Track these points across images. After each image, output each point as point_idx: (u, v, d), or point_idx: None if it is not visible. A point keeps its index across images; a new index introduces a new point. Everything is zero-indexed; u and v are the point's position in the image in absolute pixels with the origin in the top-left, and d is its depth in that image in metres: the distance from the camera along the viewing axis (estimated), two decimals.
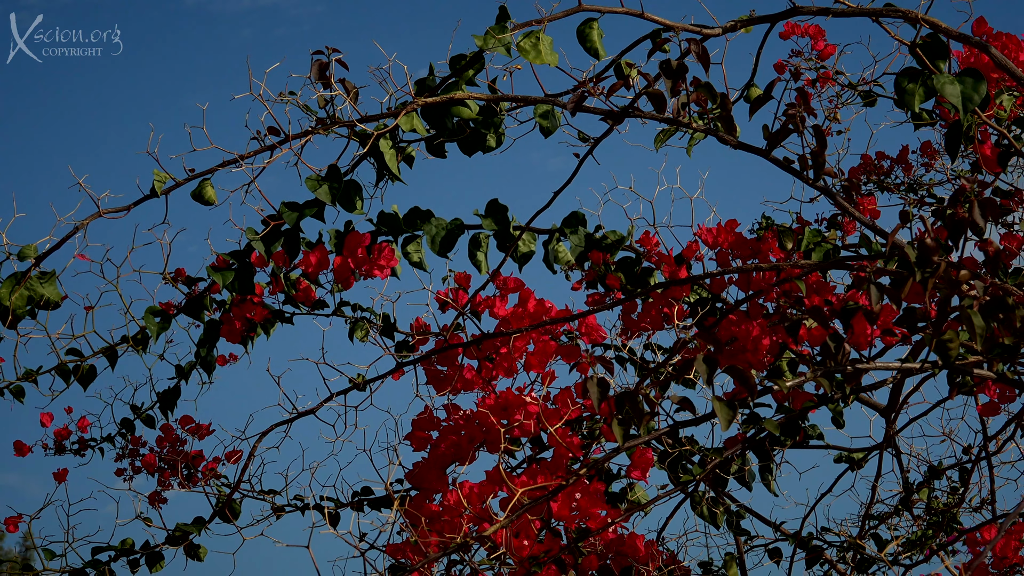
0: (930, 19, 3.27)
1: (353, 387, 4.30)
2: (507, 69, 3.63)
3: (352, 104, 3.60)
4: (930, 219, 3.32)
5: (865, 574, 4.96)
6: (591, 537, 3.74)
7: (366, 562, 3.66)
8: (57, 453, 5.47)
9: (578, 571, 3.75)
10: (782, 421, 3.52)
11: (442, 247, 3.89)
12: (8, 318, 3.79)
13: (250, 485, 4.88)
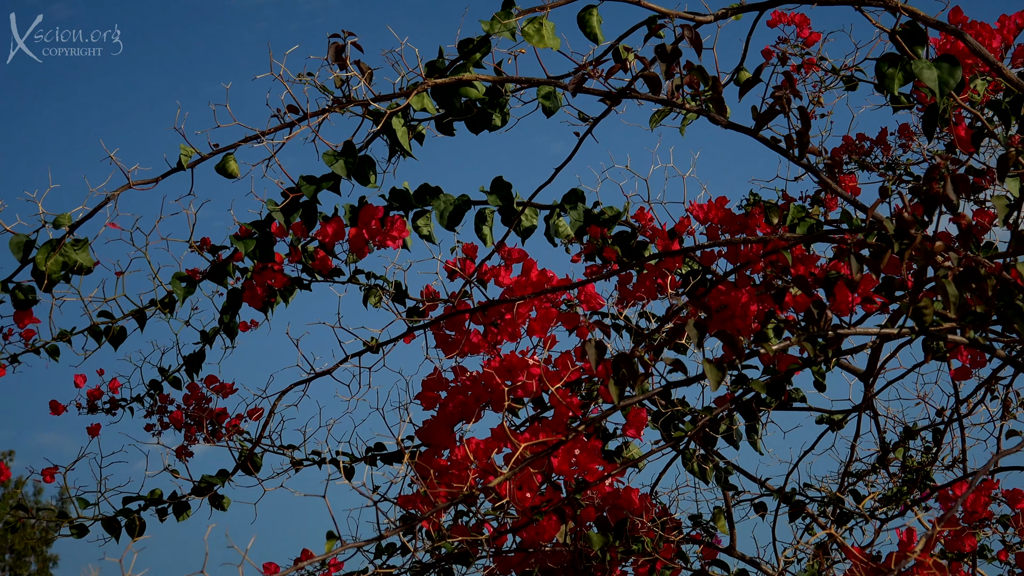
0: (909, 8, 3.25)
1: (367, 350, 4.31)
2: (512, 53, 3.62)
3: (366, 84, 3.60)
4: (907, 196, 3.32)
5: (844, 527, 4.97)
6: (589, 490, 3.75)
7: (379, 512, 3.67)
8: (90, 412, 5.49)
9: (577, 522, 3.76)
10: (768, 382, 3.52)
11: (450, 221, 3.89)
12: (44, 282, 3.79)
13: (270, 440, 4.91)
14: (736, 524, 4.60)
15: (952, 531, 4.09)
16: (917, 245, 3.13)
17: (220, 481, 4.76)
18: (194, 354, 4.94)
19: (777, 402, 3.71)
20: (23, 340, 4.46)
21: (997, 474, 4.45)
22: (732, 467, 4.77)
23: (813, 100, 5.04)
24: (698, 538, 4.34)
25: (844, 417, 4.98)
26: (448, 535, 3.73)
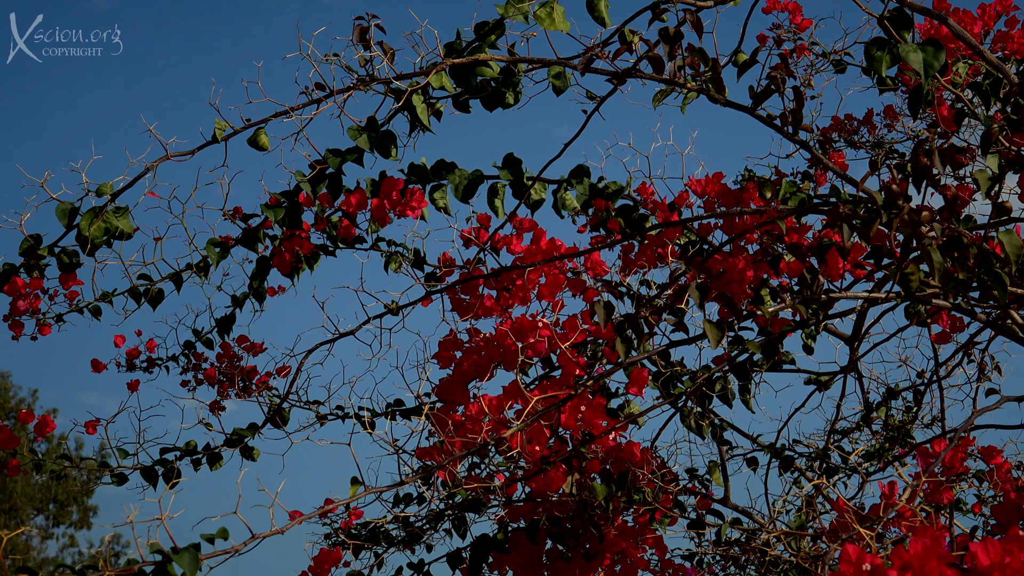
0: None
1: (388, 312, 4.31)
2: (524, 35, 3.61)
3: (389, 64, 3.59)
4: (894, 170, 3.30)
5: (831, 480, 4.96)
6: (593, 444, 3.74)
7: (399, 462, 3.66)
8: (128, 370, 5.51)
9: (582, 473, 3.75)
10: (763, 343, 3.50)
11: (464, 194, 3.88)
12: (87, 247, 3.79)
13: (297, 396, 4.91)
14: (730, 477, 4.60)
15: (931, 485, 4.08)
16: (904, 216, 3.12)
17: (250, 433, 4.77)
18: (226, 316, 4.96)
19: (769, 363, 3.69)
20: (68, 301, 4.47)
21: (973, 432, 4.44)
22: (726, 424, 4.77)
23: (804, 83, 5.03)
24: (694, 490, 4.33)
25: (831, 378, 4.98)
26: (462, 484, 3.73)
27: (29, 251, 3.99)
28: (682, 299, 3.46)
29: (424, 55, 3.61)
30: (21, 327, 4.46)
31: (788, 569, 4.56)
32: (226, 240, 4.22)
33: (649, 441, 4.43)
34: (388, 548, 4.14)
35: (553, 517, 3.83)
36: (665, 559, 4.24)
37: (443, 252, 4.63)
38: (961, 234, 3.13)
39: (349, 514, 4.22)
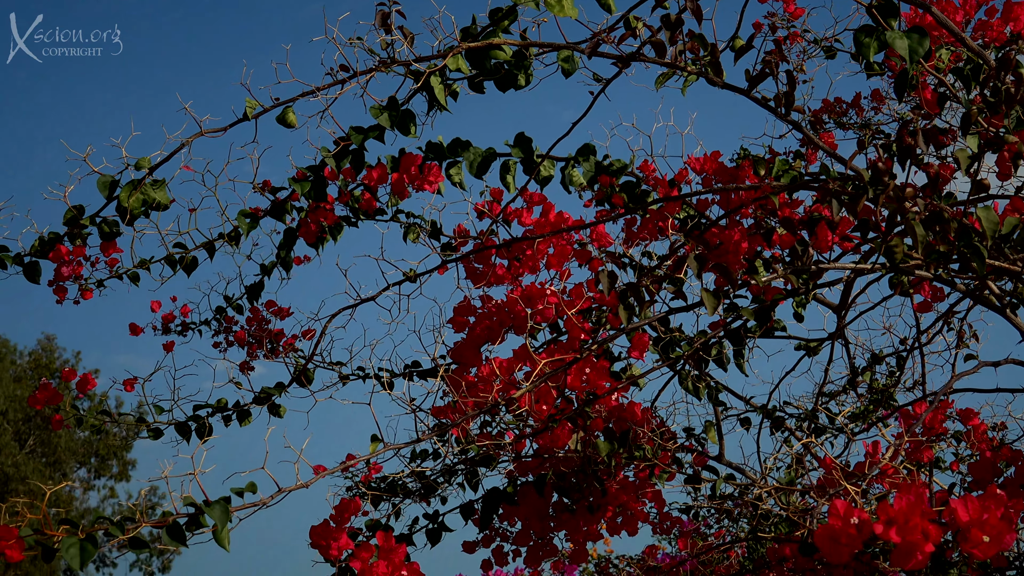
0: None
1: (406, 279, 4.33)
2: (536, 21, 3.60)
3: (409, 47, 3.58)
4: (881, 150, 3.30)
5: (819, 439, 4.96)
6: (597, 404, 3.74)
7: (416, 420, 3.66)
8: (164, 333, 5.53)
9: (586, 431, 3.75)
10: (756, 309, 3.50)
11: (478, 170, 3.88)
12: (127, 217, 3.80)
13: (321, 358, 4.93)
14: (724, 436, 4.60)
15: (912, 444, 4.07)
16: (889, 192, 3.12)
17: (277, 392, 4.79)
18: (255, 284, 4.98)
19: (762, 330, 3.69)
20: (108, 268, 4.48)
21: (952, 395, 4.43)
22: (721, 386, 4.77)
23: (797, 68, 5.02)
24: (691, 447, 4.34)
25: (819, 345, 4.97)
26: (475, 441, 3.73)
27: (72, 221, 4.00)
28: (681, 269, 3.46)
29: (441, 39, 3.60)
30: (65, 291, 4.48)
31: (778, 522, 4.57)
32: (256, 211, 4.22)
33: (649, 402, 4.43)
34: (405, 500, 4.14)
35: (559, 472, 3.84)
36: (663, 512, 4.26)
37: (458, 224, 4.66)
38: (942, 210, 3.13)
39: (369, 469, 4.22)
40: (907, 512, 2.26)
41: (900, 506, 2.27)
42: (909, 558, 2.26)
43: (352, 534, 3.50)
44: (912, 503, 2.26)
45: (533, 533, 3.96)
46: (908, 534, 2.25)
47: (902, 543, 2.25)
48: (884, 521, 2.27)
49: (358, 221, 4.38)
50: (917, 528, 2.25)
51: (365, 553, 2.89)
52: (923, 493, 2.31)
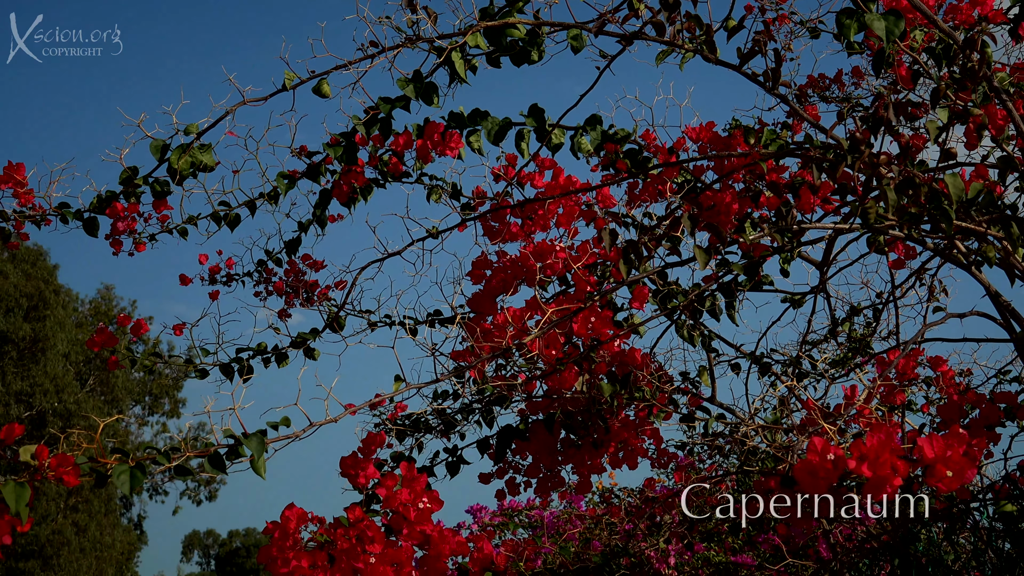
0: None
1: (429, 236, 4.34)
2: (547, 2, 3.61)
3: (432, 25, 3.59)
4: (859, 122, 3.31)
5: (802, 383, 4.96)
6: (601, 349, 3.75)
7: (436, 362, 3.67)
8: (210, 284, 5.54)
9: (591, 374, 3.76)
10: (745, 264, 3.50)
11: (495, 138, 3.88)
12: (176, 177, 3.82)
13: (352, 306, 4.95)
14: (716, 379, 4.61)
15: (886, 388, 4.08)
16: (865, 159, 3.12)
17: (312, 337, 4.82)
18: (292, 240, 4.99)
19: (751, 284, 3.69)
20: (159, 223, 4.52)
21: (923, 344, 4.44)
22: (714, 335, 4.78)
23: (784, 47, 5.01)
24: (686, 390, 4.35)
25: (803, 298, 4.98)
26: (490, 382, 3.74)
27: (127, 181, 4.03)
28: (677, 228, 3.47)
29: (462, 18, 3.61)
30: (120, 244, 4.51)
31: (764, 458, 4.58)
32: (293, 174, 4.24)
33: (648, 348, 4.43)
34: (427, 435, 4.16)
35: (567, 411, 3.85)
36: (661, 448, 4.27)
37: (477, 186, 4.67)
38: (914, 175, 3.14)
39: (395, 407, 4.24)
40: (878, 449, 2.28)
41: (872, 443, 2.29)
42: (879, 491, 2.27)
43: (378, 465, 3.52)
44: (883, 441, 2.28)
45: (543, 466, 3.98)
46: (879, 469, 2.26)
47: (873, 477, 2.27)
48: (857, 457, 2.29)
49: (386, 183, 4.40)
50: (887, 463, 2.26)
51: (390, 482, 2.90)
52: (893, 432, 2.32)
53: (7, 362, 32.27)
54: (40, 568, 30.93)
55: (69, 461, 2.46)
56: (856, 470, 2.28)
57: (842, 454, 2.33)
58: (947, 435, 2.32)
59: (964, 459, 2.29)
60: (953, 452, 2.29)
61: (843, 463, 2.31)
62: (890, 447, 2.28)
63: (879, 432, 2.30)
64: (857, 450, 2.30)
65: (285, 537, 2.76)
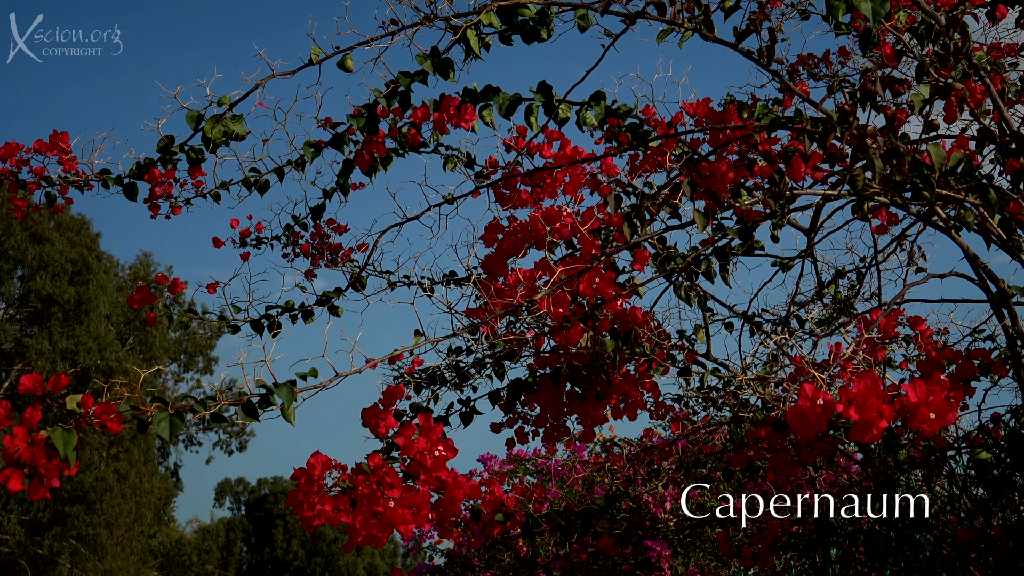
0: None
1: (445, 202, 4.32)
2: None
3: (449, 4, 3.57)
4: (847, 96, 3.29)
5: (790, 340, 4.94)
6: (604, 308, 3.74)
7: (452, 318, 3.66)
8: (241, 246, 5.54)
9: (595, 331, 3.74)
10: (740, 229, 3.48)
11: (507, 112, 3.85)
12: (210, 145, 3.80)
13: (373, 267, 4.95)
14: (711, 337, 4.60)
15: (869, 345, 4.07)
16: (853, 130, 3.10)
17: (336, 295, 4.80)
18: (318, 206, 4.98)
19: (744, 248, 3.67)
20: (194, 188, 4.52)
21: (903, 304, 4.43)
22: (709, 295, 4.77)
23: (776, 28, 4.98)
24: (683, 346, 4.33)
25: (792, 261, 4.96)
26: (501, 338, 3.73)
27: (164, 148, 4.02)
28: (676, 195, 3.45)
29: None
30: (158, 208, 4.53)
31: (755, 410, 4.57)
32: (319, 143, 4.22)
33: (648, 307, 4.42)
34: (442, 388, 4.15)
35: (572, 365, 3.84)
36: (659, 400, 4.25)
37: (489, 156, 4.65)
38: (898, 146, 3.12)
39: (413, 361, 4.23)
40: (864, 394, 2.26)
41: (858, 389, 2.27)
42: (866, 433, 2.26)
43: (397, 415, 3.50)
44: (869, 386, 2.27)
45: (550, 417, 3.98)
46: (865, 412, 2.25)
47: (860, 420, 2.26)
48: (845, 401, 2.28)
49: (405, 153, 4.39)
50: (873, 407, 2.25)
51: (408, 431, 2.89)
52: (878, 379, 2.30)
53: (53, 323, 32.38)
54: (84, 512, 31.09)
55: (112, 409, 2.44)
56: (844, 413, 2.27)
57: (831, 399, 2.31)
58: (930, 381, 2.31)
59: (945, 403, 2.28)
60: (935, 396, 2.28)
61: (832, 407, 2.30)
62: (876, 392, 2.27)
63: (866, 378, 2.29)
64: (845, 395, 2.29)
65: (311, 483, 2.75)
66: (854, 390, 2.27)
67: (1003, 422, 4.04)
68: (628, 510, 5.93)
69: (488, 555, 8.44)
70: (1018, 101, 3.93)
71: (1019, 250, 3.49)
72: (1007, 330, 3.66)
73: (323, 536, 57.93)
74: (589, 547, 6.31)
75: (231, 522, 60.02)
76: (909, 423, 2.29)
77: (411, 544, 10.93)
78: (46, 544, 31.00)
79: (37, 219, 32.34)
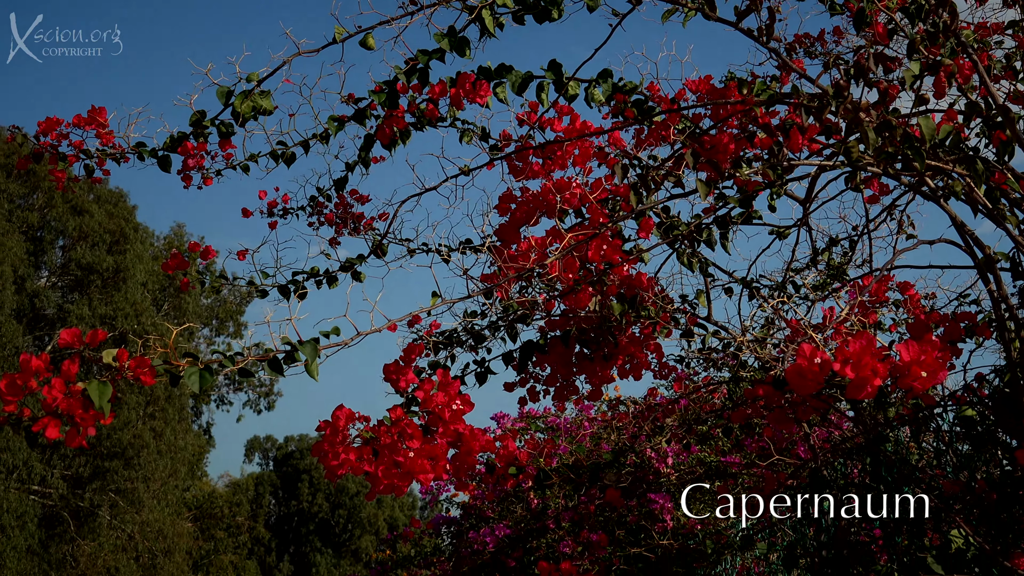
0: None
1: (461, 173, 4.32)
2: None
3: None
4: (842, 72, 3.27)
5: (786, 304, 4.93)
6: (612, 273, 3.72)
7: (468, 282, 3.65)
8: (269, 216, 5.54)
9: (603, 295, 3.73)
10: (740, 198, 3.46)
11: (519, 89, 3.84)
12: (239, 120, 3.79)
13: (393, 235, 4.95)
14: (712, 301, 4.59)
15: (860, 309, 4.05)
16: (847, 104, 3.08)
17: (359, 262, 4.80)
18: (341, 178, 4.98)
19: (743, 217, 3.65)
20: (224, 160, 4.51)
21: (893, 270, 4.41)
22: (710, 262, 4.75)
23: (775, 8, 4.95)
24: (685, 310, 4.32)
25: (788, 230, 4.94)
26: (514, 302, 3.72)
27: (196, 123, 4.01)
28: (681, 165, 3.44)
29: None
30: (190, 179, 4.52)
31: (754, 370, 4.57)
32: (342, 118, 4.21)
33: (653, 273, 4.41)
34: (458, 348, 4.15)
35: (581, 328, 3.84)
36: (662, 361, 4.24)
37: (503, 130, 4.64)
38: (890, 119, 3.10)
39: (431, 324, 4.23)
40: (860, 353, 2.25)
41: (854, 348, 2.26)
42: (861, 391, 2.25)
43: (417, 371, 3.49)
44: (864, 346, 2.26)
45: (560, 376, 3.97)
46: (861, 371, 2.24)
47: (856, 378, 2.25)
48: (841, 360, 2.27)
49: (423, 127, 4.37)
50: (868, 366, 2.24)
51: (427, 386, 2.89)
52: (873, 339, 2.29)
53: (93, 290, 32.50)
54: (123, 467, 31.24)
55: (146, 363, 2.44)
56: (841, 372, 2.26)
57: (828, 358, 2.30)
58: (921, 341, 2.29)
59: (936, 362, 2.27)
60: (927, 356, 2.27)
61: (829, 366, 2.29)
62: (871, 352, 2.26)
63: (861, 339, 2.28)
64: (842, 354, 2.28)
65: (335, 434, 2.74)
66: (850, 350, 2.26)
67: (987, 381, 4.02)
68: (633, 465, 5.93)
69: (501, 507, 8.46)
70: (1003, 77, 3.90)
71: (1003, 218, 3.47)
72: (992, 294, 3.64)
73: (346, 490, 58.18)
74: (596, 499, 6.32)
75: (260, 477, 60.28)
76: (902, 381, 2.27)
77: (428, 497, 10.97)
78: (87, 497, 31.17)
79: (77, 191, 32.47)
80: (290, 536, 59.23)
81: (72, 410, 2.35)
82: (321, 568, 56.80)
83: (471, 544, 8.67)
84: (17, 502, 29.08)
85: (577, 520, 6.86)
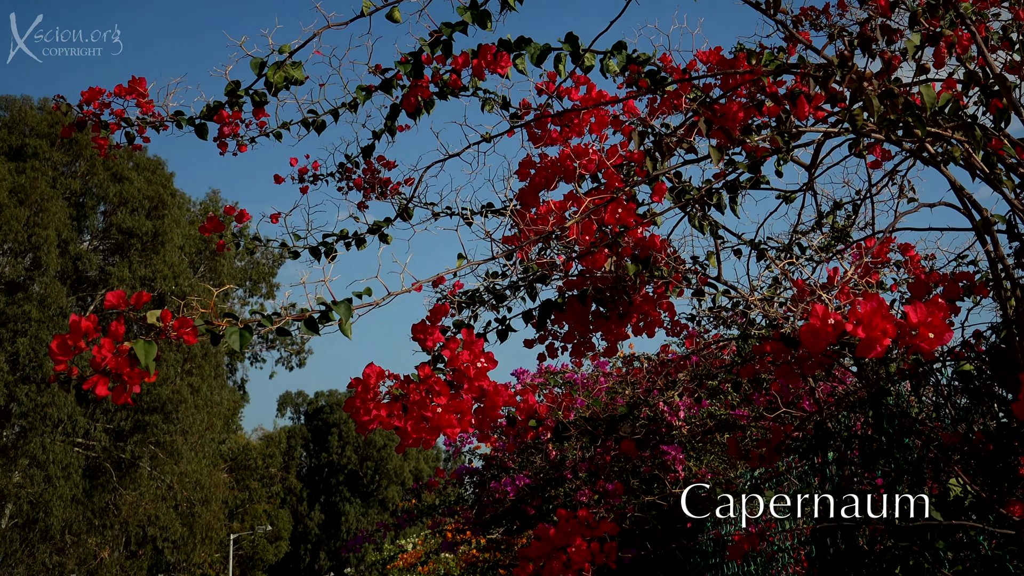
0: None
1: (483, 140, 4.31)
2: None
3: None
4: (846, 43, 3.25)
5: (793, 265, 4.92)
6: (626, 235, 3.72)
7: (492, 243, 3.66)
8: (300, 182, 5.54)
9: (618, 256, 3.74)
10: (750, 163, 3.45)
11: (538, 60, 3.83)
12: (272, 89, 3.80)
13: (419, 199, 4.94)
14: (722, 262, 4.58)
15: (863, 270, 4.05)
16: (852, 74, 3.07)
17: (386, 224, 4.81)
18: (368, 145, 4.98)
19: (751, 182, 3.65)
20: (258, 128, 4.52)
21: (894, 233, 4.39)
22: (720, 225, 4.74)
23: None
24: (696, 271, 4.31)
25: (794, 194, 4.93)
26: (534, 263, 3.73)
27: (231, 92, 4.02)
28: (693, 133, 3.43)
29: None
30: (226, 146, 4.54)
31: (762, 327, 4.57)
32: (370, 87, 4.21)
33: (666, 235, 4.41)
34: (481, 307, 4.16)
35: (597, 287, 3.84)
36: (674, 319, 4.24)
37: (523, 99, 4.63)
38: (892, 88, 3.09)
39: (455, 284, 4.25)
40: (871, 314, 2.26)
41: (865, 310, 2.27)
42: (871, 350, 2.26)
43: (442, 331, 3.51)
44: (875, 308, 2.26)
45: (577, 333, 3.98)
46: (871, 331, 2.25)
47: (866, 338, 2.25)
48: (853, 321, 2.27)
49: (447, 96, 4.37)
50: (878, 327, 2.24)
51: (453, 345, 2.90)
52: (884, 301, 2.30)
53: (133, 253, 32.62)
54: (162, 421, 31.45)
55: (188, 323, 2.45)
56: (852, 332, 2.27)
57: (840, 318, 2.30)
58: (928, 303, 2.30)
59: (943, 323, 2.27)
60: (934, 317, 2.27)
61: (841, 326, 2.29)
62: (881, 313, 2.26)
63: (871, 300, 2.28)
64: (853, 315, 2.28)
65: (366, 391, 2.76)
66: (861, 311, 2.27)
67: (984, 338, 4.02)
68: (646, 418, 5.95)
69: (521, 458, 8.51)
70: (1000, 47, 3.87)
71: (1000, 182, 3.45)
72: (989, 255, 3.63)
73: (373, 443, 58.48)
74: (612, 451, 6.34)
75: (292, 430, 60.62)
76: (910, 341, 2.28)
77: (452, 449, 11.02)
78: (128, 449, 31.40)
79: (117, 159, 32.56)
80: (320, 486, 59.61)
81: (120, 368, 2.37)
82: (350, 516, 57.18)
83: (493, 493, 8.73)
84: (62, 454, 29.31)
85: (593, 470, 6.90)
